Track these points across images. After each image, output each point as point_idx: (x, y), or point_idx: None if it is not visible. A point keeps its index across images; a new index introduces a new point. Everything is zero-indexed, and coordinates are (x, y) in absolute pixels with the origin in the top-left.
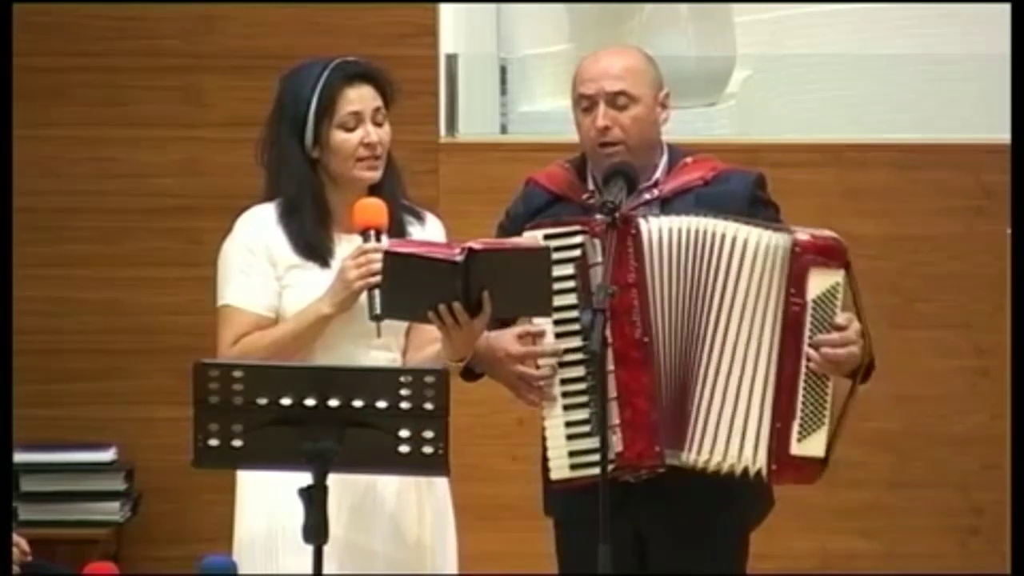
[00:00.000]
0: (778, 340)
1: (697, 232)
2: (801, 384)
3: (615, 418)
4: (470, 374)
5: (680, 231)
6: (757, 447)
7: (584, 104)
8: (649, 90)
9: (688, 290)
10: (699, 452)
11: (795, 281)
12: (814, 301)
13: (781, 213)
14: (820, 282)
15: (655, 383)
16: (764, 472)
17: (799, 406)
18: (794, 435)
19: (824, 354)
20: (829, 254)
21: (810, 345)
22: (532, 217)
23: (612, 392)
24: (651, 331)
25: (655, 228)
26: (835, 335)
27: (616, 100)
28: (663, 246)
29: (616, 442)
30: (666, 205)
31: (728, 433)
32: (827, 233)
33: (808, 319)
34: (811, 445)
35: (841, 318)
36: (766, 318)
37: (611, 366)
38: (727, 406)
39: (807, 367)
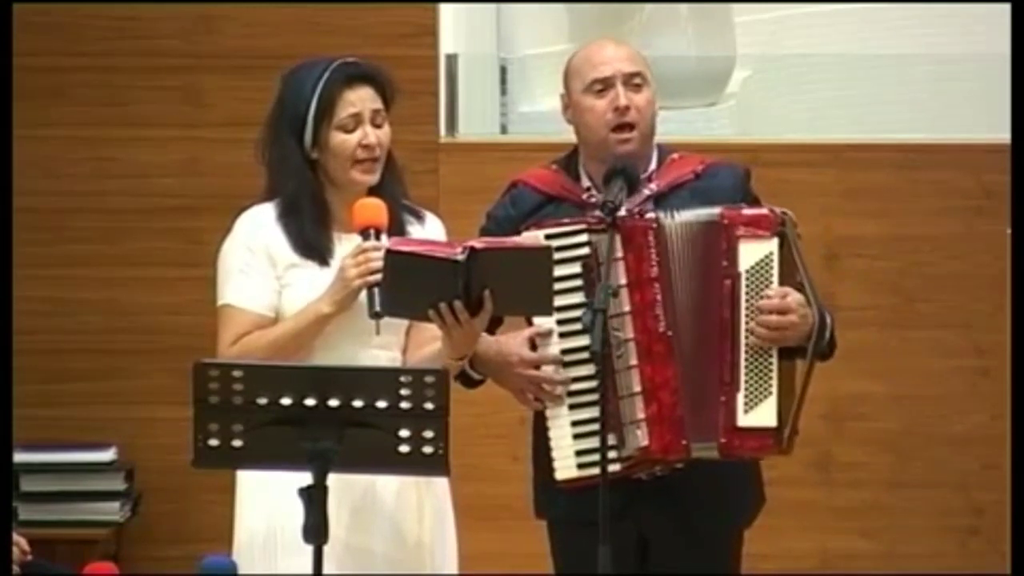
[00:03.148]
0: (717, 314)
1: (688, 224)
2: (743, 356)
3: (640, 412)
4: (469, 381)
5: (687, 226)
6: (709, 426)
7: (598, 87)
8: (652, 78)
9: (689, 281)
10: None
11: (727, 253)
12: (747, 272)
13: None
14: (752, 252)
15: (680, 376)
16: (716, 448)
17: (742, 378)
18: (740, 407)
19: (760, 321)
20: (757, 223)
21: (748, 316)
22: (524, 219)
23: (636, 387)
24: (675, 324)
25: (675, 222)
26: (770, 302)
27: (632, 81)
28: (676, 240)
29: (641, 436)
30: (661, 200)
31: (699, 418)
32: (767, 207)
33: (743, 290)
34: (759, 415)
35: (775, 289)
36: (710, 295)
37: (634, 360)
38: (701, 390)
39: (747, 339)
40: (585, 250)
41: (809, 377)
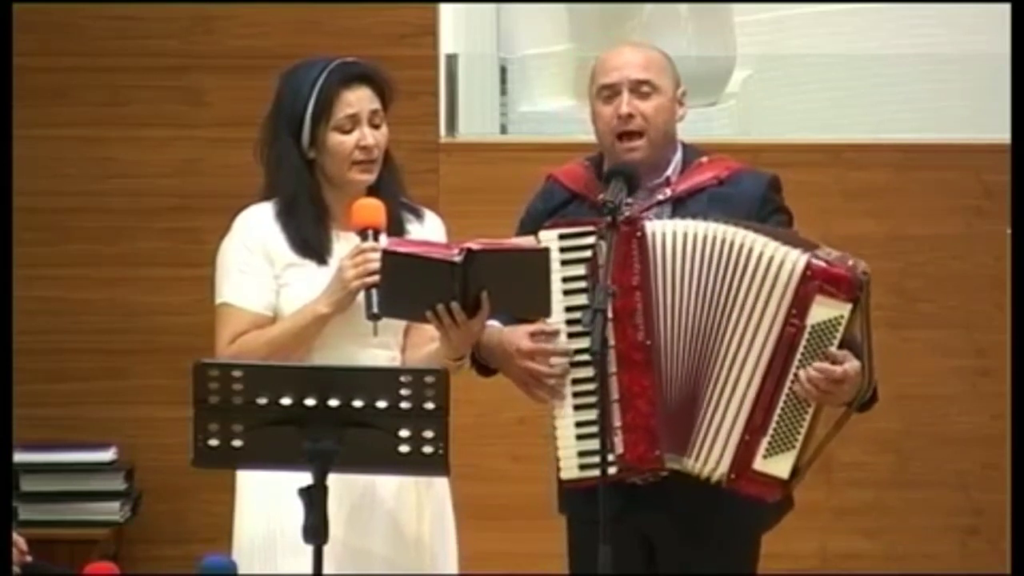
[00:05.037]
0: (768, 356)
1: (712, 239)
2: (780, 404)
3: (617, 420)
4: (485, 369)
5: (693, 236)
6: (722, 456)
7: (606, 94)
8: (670, 83)
9: (699, 296)
10: (702, 460)
11: (798, 303)
12: (813, 327)
13: (794, 220)
14: (823, 311)
15: (657, 386)
16: (724, 480)
17: (773, 424)
18: (761, 451)
19: (812, 381)
20: (838, 285)
21: (800, 369)
22: (551, 215)
23: (615, 394)
24: (655, 334)
25: (664, 231)
26: (830, 369)
27: (640, 88)
28: (673, 250)
29: (618, 444)
30: (679, 205)
31: (708, 439)
32: (848, 262)
33: (803, 344)
34: (776, 464)
35: (837, 353)
36: (763, 332)
37: (614, 368)
38: (716, 414)
39: (791, 390)
40: (590, 252)
41: (834, 434)
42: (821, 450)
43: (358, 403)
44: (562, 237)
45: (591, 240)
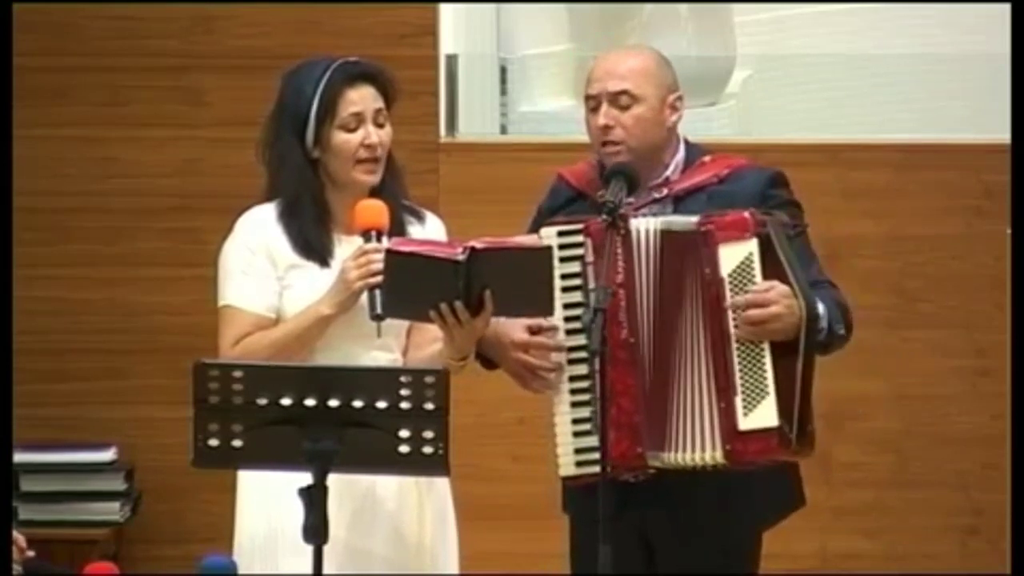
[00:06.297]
0: (706, 321)
1: (660, 232)
2: (735, 359)
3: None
4: (489, 362)
5: (651, 231)
6: (713, 433)
7: (590, 104)
8: (655, 90)
9: (661, 290)
10: (678, 450)
11: (707, 260)
12: (730, 276)
13: (803, 212)
14: (731, 256)
15: (640, 384)
16: (722, 455)
17: (737, 381)
18: (739, 410)
19: (743, 318)
20: (733, 227)
21: (734, 318)
22: (556, 213)
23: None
24: (637, 332)
25: (646, 228)
26: (748, 296)
27: (618, 100)
28: (645, 246)
29: None
30: (679, 204)
31: (693, 427)
32: (749, 210)
33: (727, 294)
34: (760, 416)
35: (759, 285)
36: (693, 302)
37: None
38: (690, 400)
39: (736, 339)
40: (583, 250)
41: (809, 371)
42: (808, 395)
43: (358, 403)
44: (561, 234)
45: (583, 238)
